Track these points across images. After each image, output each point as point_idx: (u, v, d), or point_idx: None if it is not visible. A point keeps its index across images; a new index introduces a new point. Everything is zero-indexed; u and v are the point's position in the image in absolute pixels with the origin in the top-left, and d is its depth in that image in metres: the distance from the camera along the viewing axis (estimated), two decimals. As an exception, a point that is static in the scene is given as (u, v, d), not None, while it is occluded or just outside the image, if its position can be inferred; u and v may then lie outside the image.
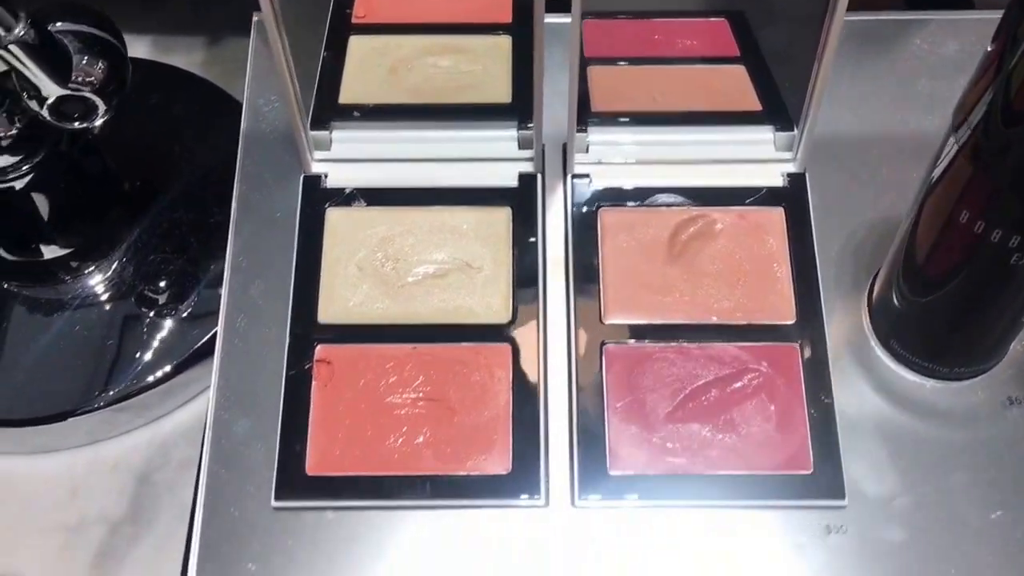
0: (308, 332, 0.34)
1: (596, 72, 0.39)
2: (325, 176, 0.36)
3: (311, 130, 0.36)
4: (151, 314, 0.44)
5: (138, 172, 0.47)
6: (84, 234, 0.45)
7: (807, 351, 0.34)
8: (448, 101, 0.38)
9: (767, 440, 0.32)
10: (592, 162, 0.37)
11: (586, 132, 0.37)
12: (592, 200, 0.36)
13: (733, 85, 0.39)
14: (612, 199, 0.36)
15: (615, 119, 0.37)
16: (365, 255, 0.35)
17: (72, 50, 0.39)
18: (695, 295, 0.35)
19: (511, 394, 0.33)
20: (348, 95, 0.38)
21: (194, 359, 0.43)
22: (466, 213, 0.36)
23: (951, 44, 0.40)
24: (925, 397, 0.34)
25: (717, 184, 0.36)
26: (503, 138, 0.37)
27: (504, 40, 0.40)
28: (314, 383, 0.33)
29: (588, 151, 0.37)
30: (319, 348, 0.33)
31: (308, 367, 0.33)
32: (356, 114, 0.38)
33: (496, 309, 0.34)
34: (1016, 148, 0.26)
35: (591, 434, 0.32)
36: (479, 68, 0.39)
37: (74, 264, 0.45)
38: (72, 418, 0.42)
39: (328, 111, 0.38)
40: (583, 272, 0.35)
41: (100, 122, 0.43)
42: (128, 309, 0.44)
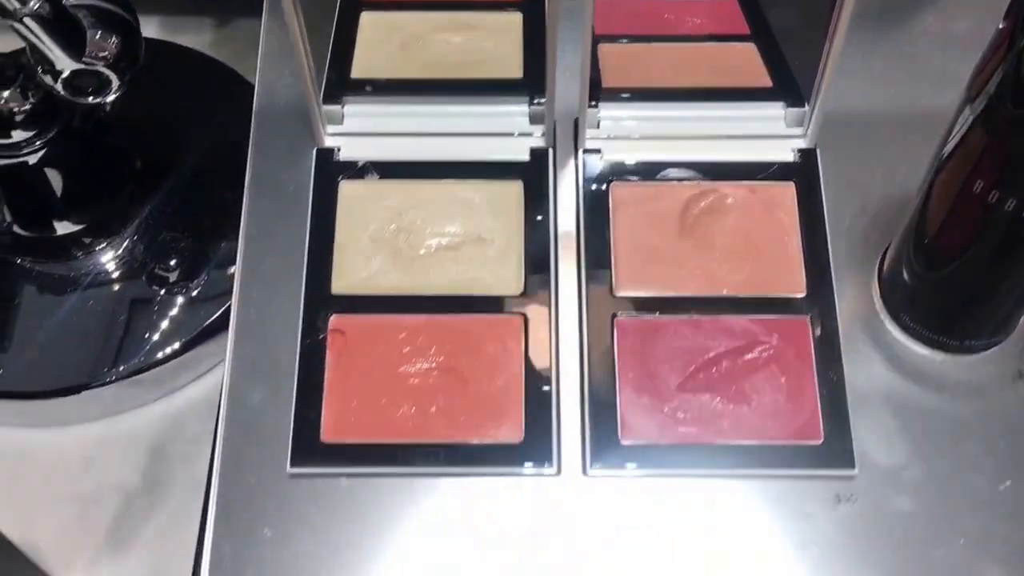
0: (322, 303, 0.34)
1: (606, 49, 0.39)
2: (338, 150, 0.37)
3: (323, 104, 0.37)
4: (162, 292, 0.44)
5: (149, 150, 0.47)
6: (96, 211, 0.45)
7: (818, 324, 0.34)
8: (460, 76, 0.38)
9: (777, 411, 0.33)
10: (603, 137, 0.37)
11: (597, 108, 0.37)
12: (603, 174, 0.36)
13: (743, 62, 0.39)
14: (623, 174, 0.36)
15: (626, 95, 0.38)
16: (378, 227, 0.35)
17: (86, 25, 0.39)
18: (706, 268, 0.35)
19: (523, 364, 0.33)
20: (360, 70, 0.38)
21: (206, 334, 0.44)
22: (478, 186, 0.36)
23: (963, 21, 0.40)
24: (935, 370, 0.34)
25: (728, 159, 0.36)
26: (514, 113, 0.37)
27: (515, 17, 0.40)
28: (328, 353, 0.33)
29: (599, 127, 0.37)
30: (333, 318, 0.34)
31: (322, 337, 0.33)
32: (368, 88, 0.38)
33: (508, 281, 0.34)
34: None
35: (603, 404, 0.33)
36: (490, 44, 0.39)
37: (87, 240, 0.45)
38: (86, 391, 0.42)
39: (340, 85, 0.38)
40: (595, 245, 0.35)
41: (113, 98, 0.43)
42: (140, 285, 0.44)
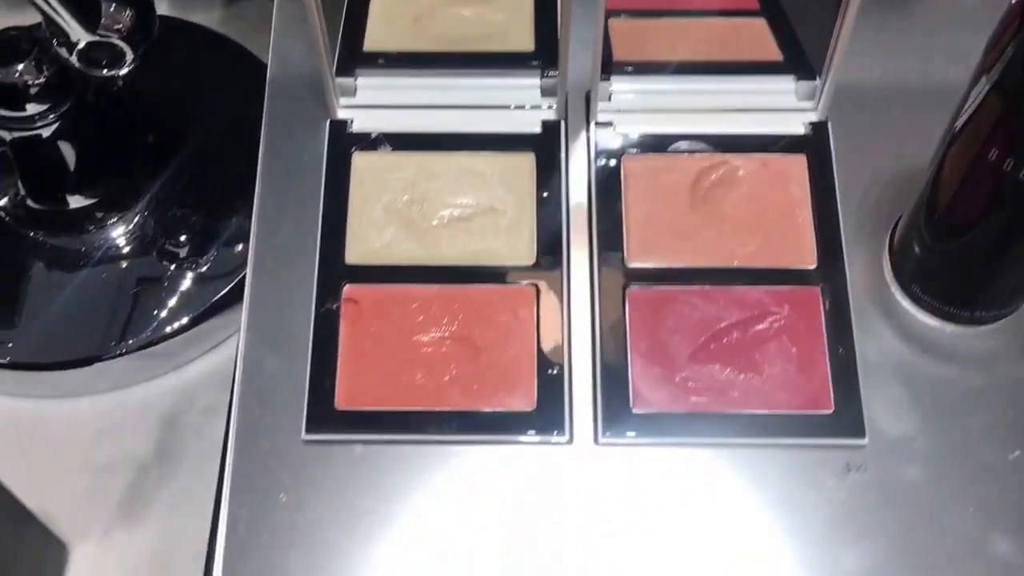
0: (336, 272, 0.34)
1: (616, 24, 0.39)
2: (351, 122, 0.37)
3: (336, 77, 0.37)
4: (172, 267, 0.44)
5: (161, 126, 0.47)
6: (108, 185, 0.45)
7: (828, 295, 0.34)
8: (471, 50, 0.38)
9: (788, 380, 0.33)
10: (614, 111, 0.37)
11: (609, 81, 0.37)
12: (615, 147, 0.36)
13: (753, 36, 0.39)
14: (635, 146, 0.36)
15: (637, 68, 0.38)
16: (391, 198, 0.35)
17: (100, -4, 0.39)
18: (717, 240, 0.35)
19: (535, 334, 0.33)
20: (372, 43, 0.39)
21: (216, 309, 0.44)
22: (490, 158, 0.36)
23: (975, -6, 0.40)
24: (946, 341, 0.34)
25: (739, 132, 0.37)
26: (526, 86, 0.38)
27: (527, -10, 0.40)
28: (342, 322, 0.33)
29: (611, 99, 0.37)
30: (347, 288, 0.34)
31: (336, 306, 0.34)
32: (381, 61, 0.38)
33: (520, 252, 0.35)
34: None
35: (614, 373, 0.33)
36: (502, 18, 0.40)
37: (99, 215, 0.45)
38: (98, 363, 0.42)
39: (353, 58, 0.38)
40: (607, 217, 0.35)
41: (126, 71, 0.43)
42: (151, 260, 0.44)
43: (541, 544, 0.31)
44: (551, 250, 0.35)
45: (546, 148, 0.36)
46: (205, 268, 0.44)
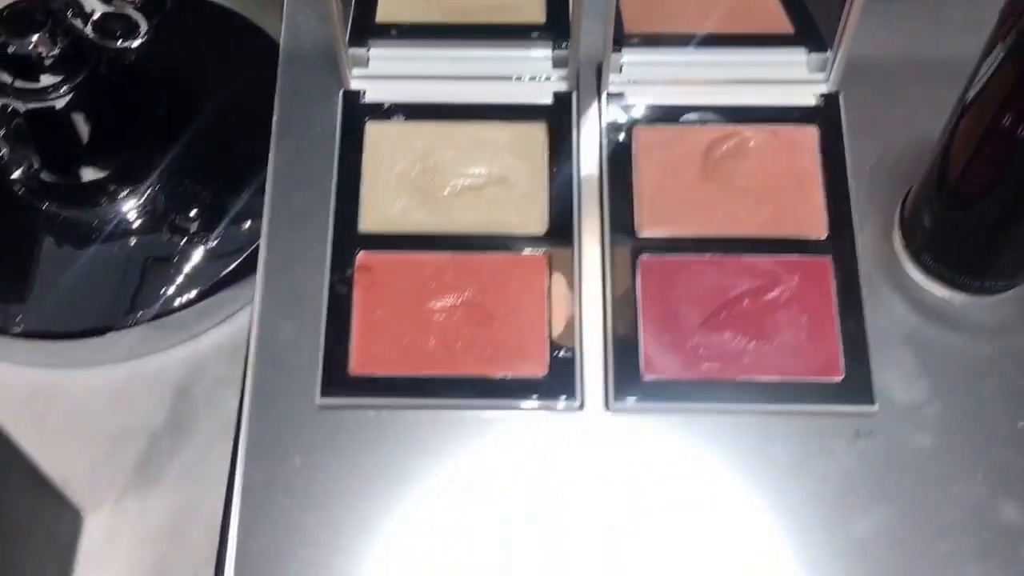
0: (349, 240, 0.35)
1: (628, -3, 0.40)
2: (364, 92, 0.37)
3: (349, 47, 0.37)
4: (183, 242, 0.45)
5: (172, 101, 0.48)
6: (120, 159, 0.46)
7: (839, 265, 0.35)
8: (483, 21, 0.39)
9: (798, 348, 0.33)
10: (625, 82, 0.38)
11: (620, 52, 0.38)
12: (627, 118, 0.37)
13: (765, 9, 0.40)
14: (646, 117, 0.37)
15: (648, 40, 0.38)
16: (404, 167, 0.36)
17: (115, -33, 0.40)
18: (728, 210, 0.35)
19: (547, 302, 0.34)
20: (385, 14, 0.39)
21: (227, 281, 0.45)
22: (502, 129, 0.37)
23: (987, -32, 0.40)
24: (955, 310, 0.35)
25: (750, 103, 0.37)
26: (538, 58, 0.38)
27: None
28: (356, 288, 0.34)
29: (622, 71, 0.38)
30: (360, 255, 0.35)
31: (350, 273, 0.34)
32: (393, 32, 0.38)
33: (532, 221, 0.35)
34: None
35: (625, 340, 0.33)
36: (513, -11, 0.40)
37: (111, 188, 0.46)
38: (111, 333, 0.43)
39: (365, 30, 0.38)
40: (618, 187, 0.36)
41: (139, 42, 0.44)
42: (162, 234, 0.45)
43: (551, 508, 0.32)
44: (562, 219, 0.35)
45: (558, 119, 0.37)
46: (215, 243, 0.45)
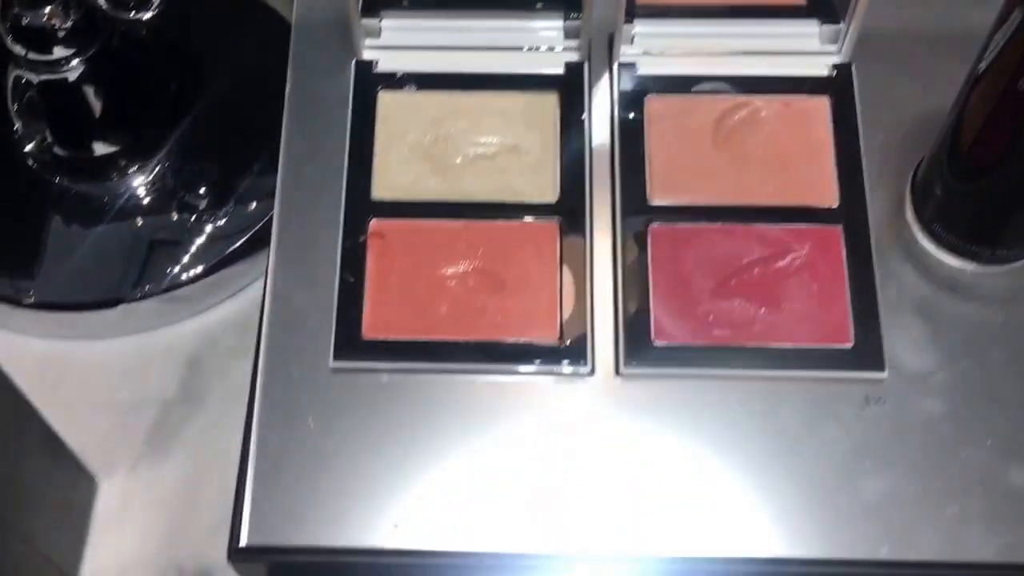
0: (362, 207, 0.36)
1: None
2: (376, 62, 0.38)
3: (362, 18, 0.38)
4: (192, 219, 0.46)
5: (183, 76, 0.49)
6: (132, 133, 0.47)
7: (850, 234, 0.35)
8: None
9: (809, 315, 0.34)
10: (637, 53, 0.38)
11: (632, 23, 0.38)
12: (638, 88, 0.38)
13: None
14: (658, 87, 0.38)
15: (660, 11, 0.39)
16: (416, 136, 0.37)
17: (128, -63, 0.41)
18: (740, 179, 0.36)
19: (558, 268, 0.35)
20: (396, -15, 0.40)
21: (237, 256, 0.46)
22: (514, 98, 0.37)
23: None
24: (966, 280, 0.35)
25: (762, 73, 0.38)
26: (549, 28, 0.39)
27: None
28: (369, 255, 0.35)
29: (633, 42, 0.39)
30: (373, 222, 0.35)
31: (363, 240, 0.35)
32: (405, 2, 0.39)
33: (544, 189, 0.36)
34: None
35: (636, 307, 0.34)
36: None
37: (122, 162, 0.47)
38: (121, 305, 0.44)
39: (378, 0, 0.39)
40: (629, 156, 0.36)
41: (151, 14, 0.45)
42: (172, 209, 0.46)
43: (562, 473, 0.33)
44: (574, 188, 0.36)
45: (569, 89, 0.38)
46: (223, 221, 0.46)
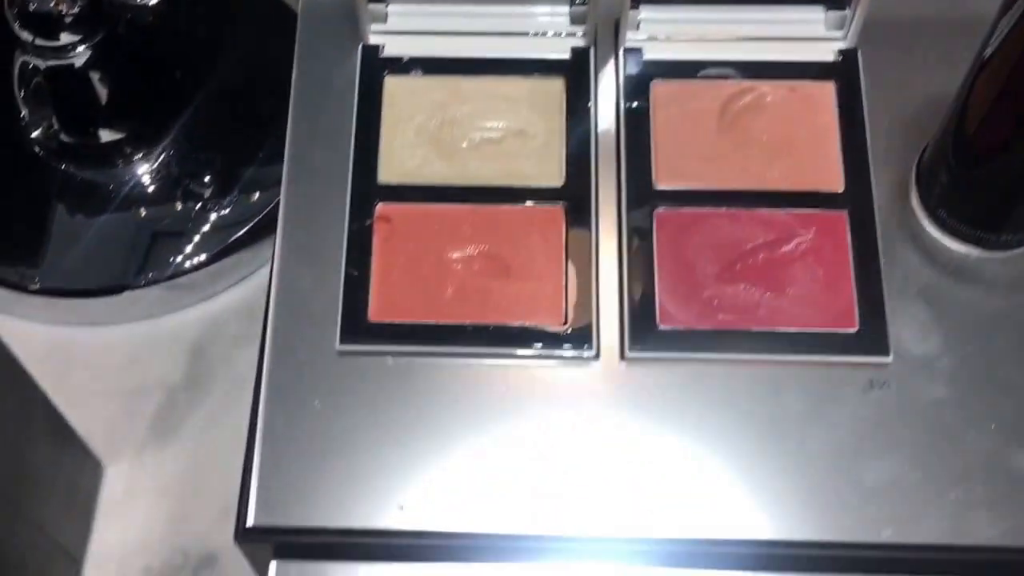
0: (368, 191, 0.36)
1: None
2: (382, 47, 0.39)
3: (368, 3, 0.39)
4: (196, 207, 0.46)
5: (188, 64, 0.49)
6: (137, 120, 0.47)
7: (855, 219, 0.36)
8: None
9: (814, 300, 0.35)
10: (643, 39, 0.39)
11: (638, 9, 0.39)
12: (644, 73, 0.38)
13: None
14: (664, 72, 0.38)
15: (666, -3, 0.39)
16: (422, 121, 0.37)
17: (134, -78, 0.41)
18: (745, 164, 0.37)
19: (564, 253, 0.35)
20: (403, -30, 0.40)
21: (242, 244, 0.46)
22: (520, 83, 0.38)
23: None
24: (971, 265, 0.36)
25: (768, 59, 0.38)
26: (556, 13, 0.39)
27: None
28: (375, 238, 0.35)
29: (639, 28, 0.39)
30: (379, 206, 0.36)
31: (369, 223, 0.36)
32: (411, -13, 0.40)
33: (550, 173, 0.36)
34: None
35: (641, 291, 0.35)
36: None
37: (127, 150, 0.47)
38: (127, 292, 0.45)
39: (384, -15, 0.40)
40: (635, 140, 0.37)
41: (157, 1, 0.45)
42: (176, 197, 0.47)
43: (566, 456, 0.33)
44: (580, 172, 0.36)
45: (575, 74, 0.38)
46: (227, 210, 0.46)
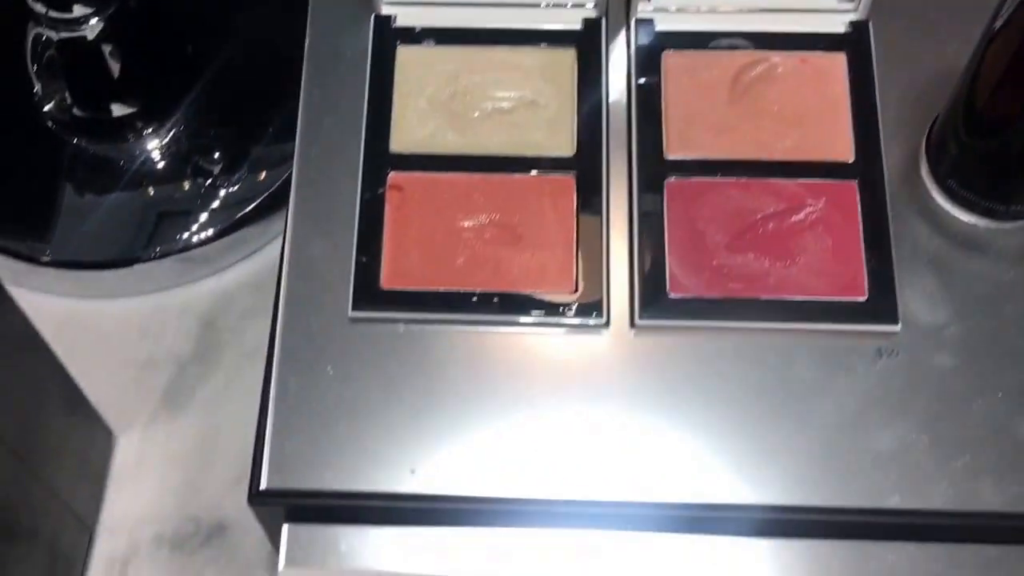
0: (381, 160, 0.37)
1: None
2: (395, 17, 0.39)
3: (380, -27, 0.40)
4: (206, 184, 0.47)
5: (200, 37, 0.50)
6: (149, 94, 0.48)
7: (865, 188, 0.37)
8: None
9: (823, 269, 0.35)
10: (654, 9, 0.40)
11: (650, -20, 0.40)
12: (655, 43, 0.39)
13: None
14: (675, 43, 0.39)
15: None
16: (434, 91, 0.38)
17: None
18: (756, 134, 0.37)
19: (575, 222, 0.36)
20: (416, -59, 0.41)
21: (252, 218, 0.47)
22: (532, 53, 0.39)
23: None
24: (980, 235, 0.37)
25: (780, 30, 0.39)
26: (567, -15, 0.40)
27: None
28: (387, 207, 0.36)
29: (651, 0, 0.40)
30: (391, 175, 0.37)
31: (381, 192, 0.36)
32: (424, -42, 0.40)
33: (561, 143, 0.37)
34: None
35: (652, 260, 0.36)
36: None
37: (138, 124, 0.48)
38: (137, 264, 0.46)
39: (396, -43, 0.41)
40: (646, 110, 0.38)
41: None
42: (186, 171, 0.48)
43: (576, 422, 0.34)
44: (591, 142, 0.37)
45: (587, 44, 0.39)
46: (237, 186, 0.47)
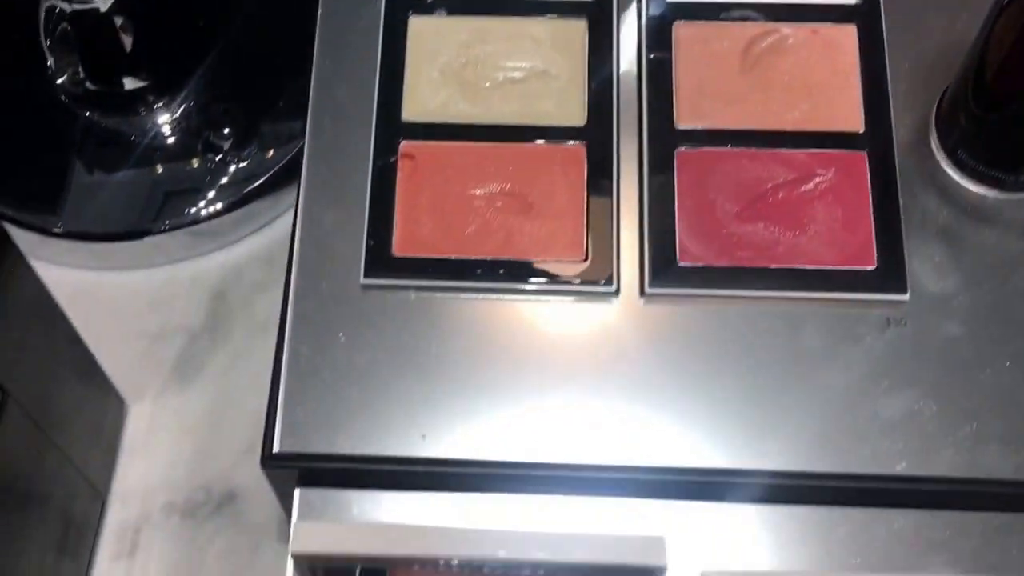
0: (392, 129, 0.38)
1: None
2: (407, -13, 0.40)
3: (392, -55, 0.40)
4: (217, 159, 0.48)
5: (211, 11, 0.51)
6: (159, 69, 0.49)
7: (874, 158, 0.37)
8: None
9: (833, 238, 0.36)
10: (665, -18, 0.41)
11: (661, -47, 0.40)
12: (666, 14, 0.40)
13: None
14: (686, 14, 0.40)
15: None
16: (446, 60, 0.39)
17: None
18: (766, 104, 0.38)
19: (585, 191, 0.37)
20: (427, -87, 0.42)
21: (262, 191, 0.48)
22: (544, 23, 0.40)
23: None
24: (989, 206, 0.37)
25: (791, 1, 0.40)
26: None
27: None
28: (399, 175, 0.37)
29: (662, -30, 0.41)
30: (403, 144, 0.38)
31: (393, 160, 0.37)
32: (435, -72, 0.41)
33: (572, 113, 0.38)
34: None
35: (661, 229, 0.36)
36: None
37: (150, 98, 0.49)
38: (148, 237, 0.47)
39: (408, -73, 0.41)
40: (657, 81, 0.39)
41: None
42: (197, 144, 0.48)
43: (585, 388, 0.35)
44: (602, 111, 0.38)
45: (598, 14, 0.40)
46: (246, 163, 0.48)
